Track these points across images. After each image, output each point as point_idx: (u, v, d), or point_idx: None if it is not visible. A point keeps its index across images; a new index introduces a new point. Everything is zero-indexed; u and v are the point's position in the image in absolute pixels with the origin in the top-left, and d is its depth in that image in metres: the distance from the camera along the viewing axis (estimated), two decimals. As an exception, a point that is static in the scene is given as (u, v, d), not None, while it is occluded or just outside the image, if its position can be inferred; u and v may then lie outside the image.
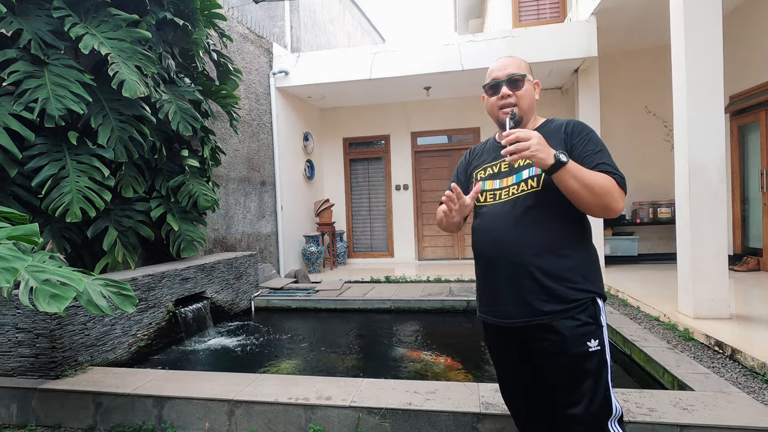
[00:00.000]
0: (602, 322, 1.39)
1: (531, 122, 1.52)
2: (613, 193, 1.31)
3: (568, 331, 1.34)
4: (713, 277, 3.46)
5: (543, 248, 1.38)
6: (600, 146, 1.39)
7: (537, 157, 1.26)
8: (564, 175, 1.28)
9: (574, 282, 1.36)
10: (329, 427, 2.21)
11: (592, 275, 1.42)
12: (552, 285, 1.35)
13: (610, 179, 1.32)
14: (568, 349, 1.33)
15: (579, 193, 1.29)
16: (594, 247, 1.49)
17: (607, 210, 1.32)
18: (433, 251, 8.38)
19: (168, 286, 3.77)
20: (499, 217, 1.45)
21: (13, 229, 1.87)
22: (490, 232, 1.47)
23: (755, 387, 2.41)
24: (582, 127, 1.44)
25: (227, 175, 5.72)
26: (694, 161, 3.48)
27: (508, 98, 1.47)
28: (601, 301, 1.40)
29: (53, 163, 3.29)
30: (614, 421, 1.35)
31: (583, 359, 1.33)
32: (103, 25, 3.55)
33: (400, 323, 4.46)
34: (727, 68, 3.84)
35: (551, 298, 1.35)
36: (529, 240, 1.39)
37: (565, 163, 1.27)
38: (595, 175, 1.31)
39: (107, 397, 2.47)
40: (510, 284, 1.41)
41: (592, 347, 1.33)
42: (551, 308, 1.35)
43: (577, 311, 1.35)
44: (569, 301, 1.35)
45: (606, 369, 1.36)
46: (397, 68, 6.44)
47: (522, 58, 1.56)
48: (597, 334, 1.35)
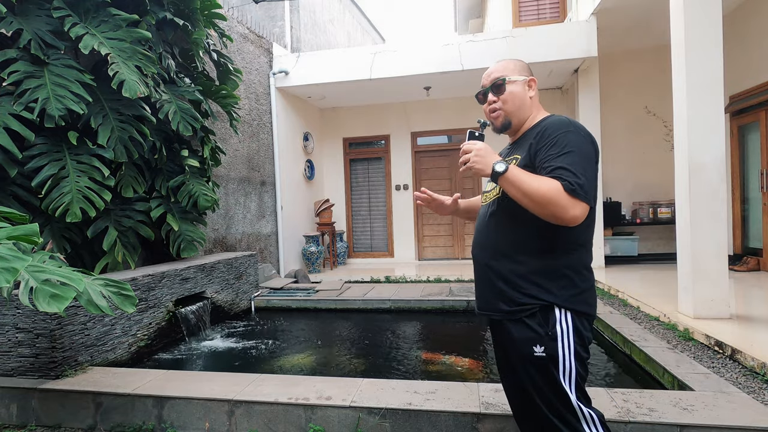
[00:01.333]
0: (557, 332, 1.35)
1: (528, 121, 1.52)
2: (558, 202, 1.24)
3: (516, 332, 1.41)
4: (713, 277, 3.46)
5: (499, 252, 1.46)
6: (569, 148, 1.31)
7: (474, 168, 1.35)
8: (503, 184, 1.33)
9: (522, 287, 1.40)
10: (329, 427, 2.21)
11: (551, 284, 1.37)
12: (502, 287, 1.44)
13: (557, 186, 1.25)
14: (517, 349, 1.41)
15: (521, 201, 1.31)
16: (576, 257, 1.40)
17: (555, 218, 1.27)
18: (433, 251, 8.38)
19: (168, 286, 3.77)
20: (480, 219, 1.59)
21: (13, 229, 1.87)
22: (475, 232, 1.61)
23: (755, 387, 2.41)
24: (555, 128, 1.36)
25: (227, 175, 5.72)
26: (694, 161, 3.48)
27: (493, 104, 1.52)
28: (561, 312, 1.36)
29: (53, 163, 3.29)
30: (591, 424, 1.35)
31: (528, 361, 1.38)
32: (103, 25, 3.55)
33: (401, 323, 4.46)
34: (727, 68, 3.84)
35: (502, 299, 1.44)
36: (490, 243, 1.50)
37: (501, 173, 1.31)
38: (538, 182, 1.27)
39: (107, 397, 2.47)
40: (479, 280, 1.56)
41: (536, 352, 1.36)
42: (502, 307, 1.44)
43: (523, 315, 1.39)
44: (516, 303, 1.41)
45: (556, 376, 1.34)
46: (397, 68, 6.44)
47: (513, 59, 1.56)
48: (545, 341, 1.35)
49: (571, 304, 1.37)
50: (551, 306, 1.37)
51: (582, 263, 1.41)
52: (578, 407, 1.35)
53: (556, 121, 1.40)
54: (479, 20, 11.07)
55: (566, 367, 1.35)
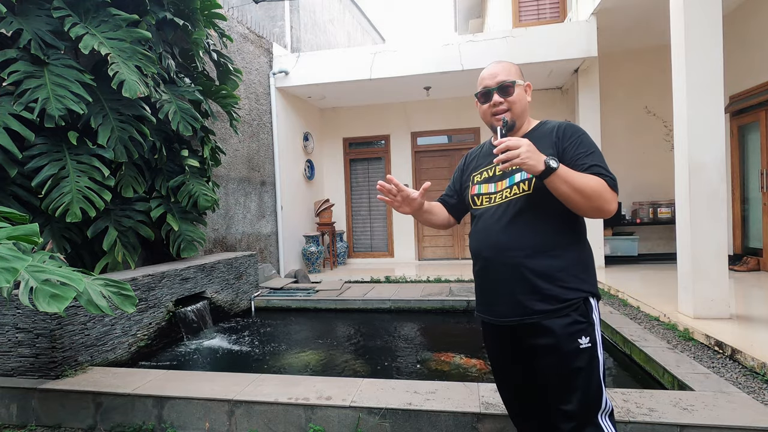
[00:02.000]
0: (594, 319, 1.41)
1: (525, 125, 1.54)
2: (605, 195, 1.33)
3: (559, 329, 1.37)
4: (713, 277, 3.46)
5: (534, 250, 1.41)
6: (592, 148, 1.40)
7: (527, 164, 1.29)
8: (555, 180, 1.31)
9: (566, 282, 1.39)
10: (329, 427, 2.21)
11: (585, 274, 1.43)
12: (544, 285, 1.39)
13: (602, 181, 1.33)
14: (560, 347, 1.37)
15: (571, 196, 1.32)
16: (588, 246, 1.51)
17: (599, 211, 1.34)
18: (433, 251, 8.38)
19: (168, 286, 3.77)
20: (493, 219, 1.49)
21: (13, 229, 1.87)
22: (486, 234, 1.50)
23: (755, 387, 2.41)
24: (573, 129, 1.45)
25: (227, 175, 5.72)
26: (694, 161, 3.48)
27: (500, 105, 1.50)
28: (593, 300, 1.43)
29: (53, 163, 3.29)
30: (605, 415, 1.38)
31: (575, 356, 1.36)
32: (103, 25, 3.55)
33: (401, 323, 4.46)
34: (727, 68, 3.84)
35: (543, 298, 1.39)
36: (521, 242, 1.43)
37: (556, 169, 1.30)
38: (586, 178, 1.33)
39: (107, 397, 2.47)
40: (504, 285, 1.45)
41: (583, 344, 1.37)
42: (543, 307, 1.39)
43: (569, 310, 1.38)
44: (561, 300, 1.38)
45: (597, 365, 1.38)
46: (397, 68, 6.44)
47: (512, 62, 1.56)
48: (588, 331, 1.38)
49: (596, 291, 1.45)
50: (588, 296, 1.41)
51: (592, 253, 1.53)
52: (605, 396, 1.39)
53: (566, 123, 1.49)
54: (479, 20, 11.07)
55: (601, 353, 1.40)
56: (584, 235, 1.50)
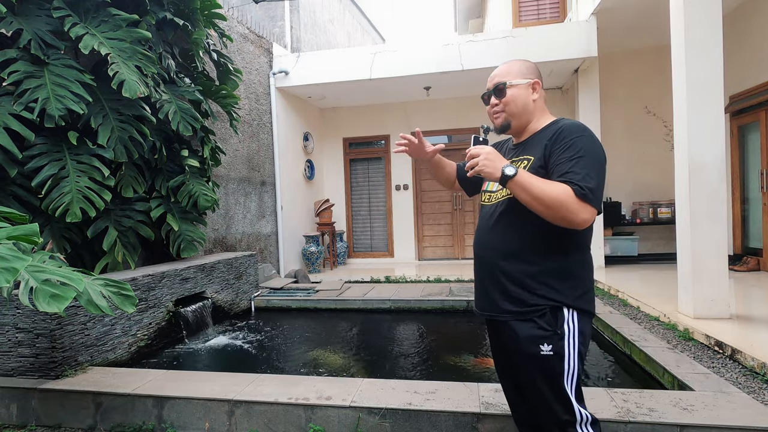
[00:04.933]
0: (564, 331, 1.37)
1: (533, 123, 1.52)
2: (568, 206, 1.26)
3: (522, 332, 1.41)
4: (713, 277, 3.46)
5: (509, 253, 1.45)
6: (582, 152, 1.32)
7: (485, 171, 1.34)
8: (513, 188, 1.33)
9: (533, 288, 1.40)
10: (329, 427, 2.21)
11: (561, 284, 1.39)
12: (512, 288, 1.43)
13: (567, 191, 1.26)
14: (522, 349, 1.41)
15: (530, 204, 1.31)
16: (582, 258, 1.44)
17: (564, 222, 1.29)
18: (433, 251, 8.38)
19: (168, 286, 3.77)
20: (484, 218, 1.57)
21: (13, 229, 1.87)
22: (479, 231, 1.59)
23: (755, 387, 2.41)
24: (569, 131, 1.37)
25: (227, 175, 5.72)
26: (694, 161, 3.48)
27: (495, 107, 1.53)
28: (569, 311, 1.38)
29: (53, 163, 3.29)
30: (584, 425, 1.38)
31: (534, 361, 1.38)
32: (103, 25, 3.55)
33: (401, 323, 4.46)
34: (727, 68, 3.84)
35: (511, 300, 1.44)
36: (499, 244, 1.48)
37: (511, 177, 1.30)
38: (548, 186, 1.28)
39: (107, 397, 2.47)
40: (484, 281, 1.54)
41: (543, 351, 1.37)
42: (509, 308, 1.44)
43: (533, 315, 1.39)
44: (526, 305, 1.41)
45: (560, 375, 1.36)
46: (397, 68, 6.44)
47: (520, 60, 1.55)
48: (552, 340, 1.37)
49: (577, 303, 1.40)
50: (560, 306, 1.39)
51: (588, 263, 1.47)
52: (576, 408, 1.38)
53: (571, 124, 1.41)
54: (479, 20, 11.06)
55: (570, 366, 1.37)
56: (574, 246, 1.41)
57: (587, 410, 1.41)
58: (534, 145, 1.47)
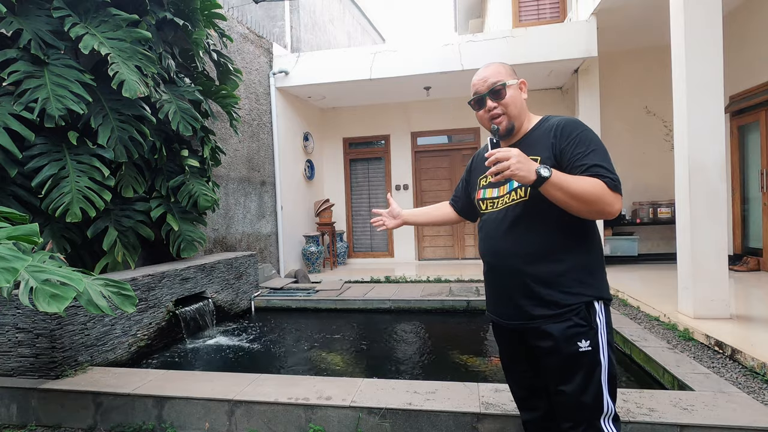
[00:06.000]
0: (597, 324, 1.38)
1: (525, 123, 1.51)
2: (605, 198, 1.28)
3: (558, 333, 1.37)
4: (713, 277, 3.45)
5: (534, 255, 1.41)
6: (593, 145, 1.34)
7: (518, 175, 1.26)
8: (549, 188, 1.27)
9: (567, 287, 1.38)
10: (329, 427, 2.21)
11: (590, 278, 1.40)
12: (544, 291, 1.39)
13: (601, 184, 1.28)
14: (560, 350, 1.37)
15: (567, 202, 1.29)
16: (598, 248, 1.47)
17: (600, 214, 1.31)
18: (433, 251, 8.38)
19: (168, 286, 3.77)
20: (495, 225, 1.50)
21: (13, 229, 1.87)
22: (489, 239, 1.52)
23: (755, 387, 2.42)
24: (572, 127, 1.38)
25: (227, 175, 5.72)
26: (694, 161, 3.48)
27: (494, 110, 1.48)
28: (599, 304, 1.39)
29: (53, 163, 3.29)
30: (608, 419, 1.37)
31: (574, 359, 1.36)
32: (103, 25, 3.54)
33: (401, 323, 4.46)
34: (727, 68, 3.83)
35: (543, 303, 1.39)
36: (520, 248, 1.42)
37: (547, 178, 1.25)
38: (582, 182, 1.28)
39: (107, 397, 2.47)
40: (506, 289, 1.47)
41: (582, 347, 1.35)
42: (542, 312, 1.39)
43: (569, 314, 1.37)
44: (561, 306, 1.37)
45: (598, 368, 1.36)
46: (397, 68, 6.43)
47: (500, 63, 1.52)
48: (589, 335, 1.36)
49: (604, 294, 1.42)
50: (592, 300, 1.39)
51: (603, 255, 1.50)
52: (606, 400, 1.37)
53: (568, 120, 1.41)
54: (479, 20, 11.06)
55: (604, 357, 1.37)
56: (592, 237, 1.44)
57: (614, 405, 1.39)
58: (532, 145, 1.44)
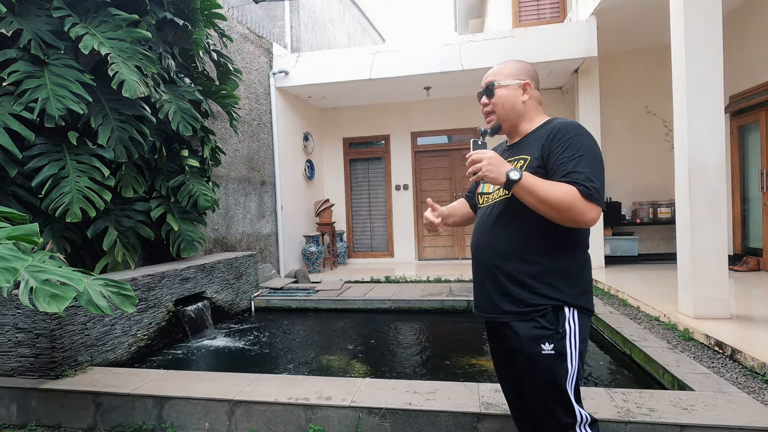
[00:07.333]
0: (566, 330, 1.37)
1: (525, 124, 1.51)
2: (576, 207, 1.26)
3: (523, 332, 1.40)
4: (713, 277, 3.45)
5: (509, 253, 1.44)
6: (582, 151, 1.32)
7: (488, 177, 1.32)
8: (519, 192, 1.32)
9: (535, 288, 1.39)
10: (329, 427, 2.21)
11: (562, 284, 1.39)
12: (513, 288, 1.42)
13: (574, 192, 1.27)
14: (524, 349, 1.40)
15: (539, 207, 1.31)
16: (581, 256, 1.45)
17: (573, 222, 1.30)
18: (433, 251, 8.38)
19: (168, 286, 3.77)
20: (483, 220, 1.55)
21: (13, 229, 1.87)
22: (476, 233, 1.58)
23: (755, 387, 2.41)
24: (567, 130, 1.37)
25: (227, 175, 5.72)
26: (694, 161, 3.48)
27: (485, 107, 1.55)
28: (570, 310, 1.39)
29: (53, 163, 3.29)
30: (584, 426, 1.38)
31: (536, 360, 1.38)
32: (103, 25, 3.54)
33: (401, 323, 4.46)
34: (727, 68, 3.84)
35: (512, 300, 1.43)
36: (498, 244, 1.47)
37: (516, 181, 1.29)
38: (555, 188, 1.28)
39: (107, 397, 2.47)
40: (483, 282, 1.52)
41: (545, 350, 1.36)
42: (510, 309, 1.43)
43: (535, 315, 1.38)
44: (527, 305, 1.40)
45: (562, 374, 1.36)
46: (397, 68, 6.44)
47: (514, 61, 1.56)
48: (554, 339, 1.37)
49: (578, 302, 1.40)
50: (562, 305, 1.39)
51: (587, 262, 1.48)
52: (576, 408, 1.38)
53: (566, 123, 1.40)
54: (479, 20, 11.06)
55: (571, 365, 1.37)
56: (574, 244, 1.42)
57: (586, 410, 1.41)
58: (529, 145, 1.47)
